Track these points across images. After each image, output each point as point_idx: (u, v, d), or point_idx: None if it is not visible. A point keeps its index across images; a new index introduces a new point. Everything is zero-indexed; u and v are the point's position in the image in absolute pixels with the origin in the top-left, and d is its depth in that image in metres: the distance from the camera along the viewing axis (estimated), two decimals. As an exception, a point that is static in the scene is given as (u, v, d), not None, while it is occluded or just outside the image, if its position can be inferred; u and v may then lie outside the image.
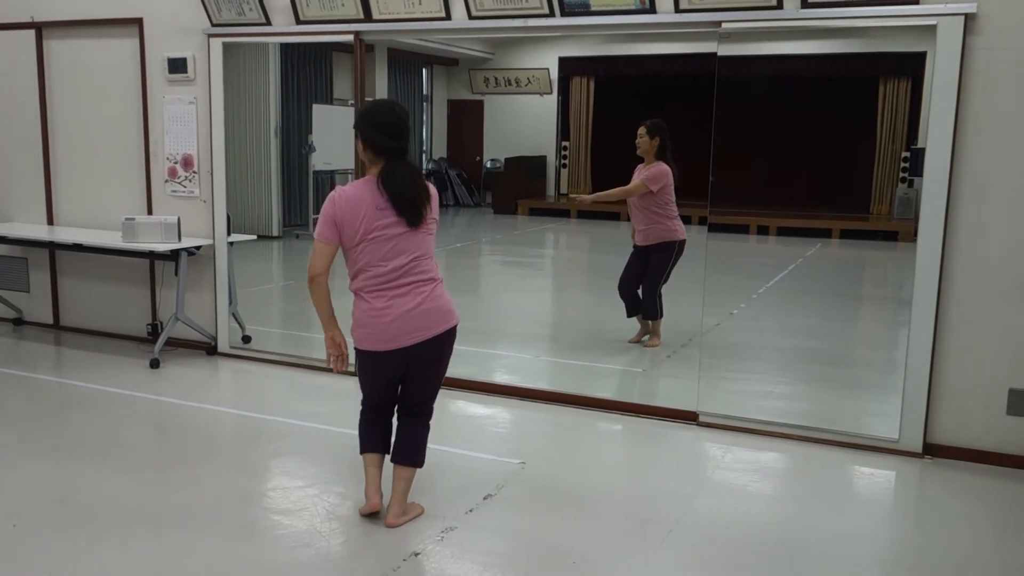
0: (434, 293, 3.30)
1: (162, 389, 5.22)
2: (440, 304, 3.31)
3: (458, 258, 11.34)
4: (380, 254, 3.22)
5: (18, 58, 6.31)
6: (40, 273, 6.55)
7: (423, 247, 3.29)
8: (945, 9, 3.97)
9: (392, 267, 3.22)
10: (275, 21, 5.43)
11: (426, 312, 3.26)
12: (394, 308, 3.23)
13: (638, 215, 6.03)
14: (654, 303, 6.07)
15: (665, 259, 5.99)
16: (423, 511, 3.55)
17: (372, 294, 3.26)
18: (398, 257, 3.23)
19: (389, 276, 3.23)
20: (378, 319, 3.25)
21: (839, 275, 10.49)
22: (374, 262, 3.23)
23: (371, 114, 3.29)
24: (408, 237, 3.24)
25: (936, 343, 4.19)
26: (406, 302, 3.24)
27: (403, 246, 3.23)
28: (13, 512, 3.52)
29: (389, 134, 3.22)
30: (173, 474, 3.96)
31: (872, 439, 4.35)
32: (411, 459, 3.47)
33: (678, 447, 4.45)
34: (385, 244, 3.21)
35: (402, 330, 3.25)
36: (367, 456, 3.52)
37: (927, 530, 3.67)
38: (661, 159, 5.96)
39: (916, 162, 12.76)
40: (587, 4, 4.62)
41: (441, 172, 16.88)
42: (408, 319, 3.24)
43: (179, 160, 5.89)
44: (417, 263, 3.27)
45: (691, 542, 3.39)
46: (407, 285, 3.25)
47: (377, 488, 3.49)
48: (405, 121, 3.28)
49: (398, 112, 3.28)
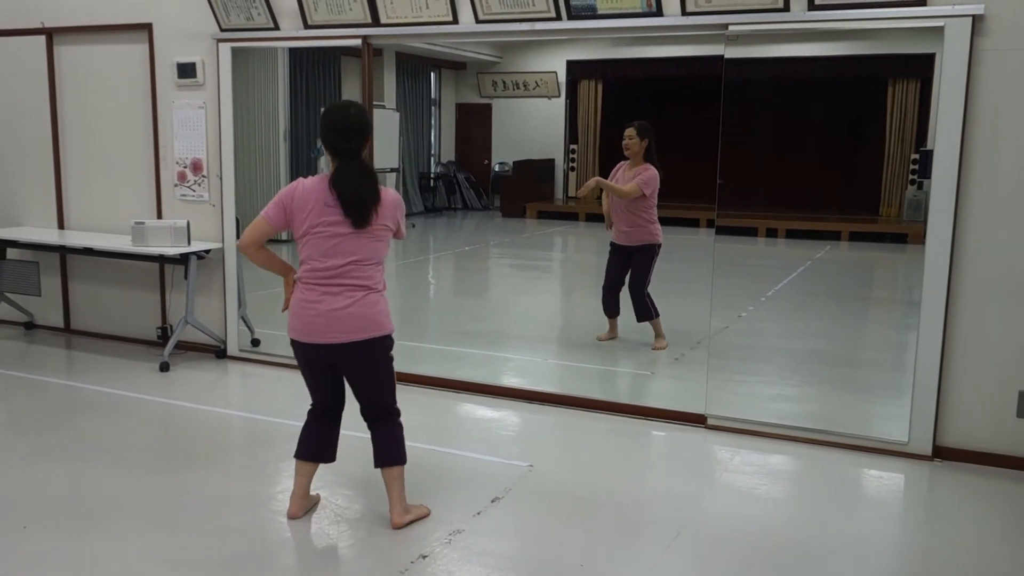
0: (366, 300, 3.26)
1: (172, 392, 5.25)
2: (369, 311, 3.26)
3: (467, 261, 11.36)
4: (321, 250, 3.23)
5: (29, 64, 6.36)
6: (51, 277, 6.59)
7: (367, 252, 3.25)
8: (952, 11, 3.96)
9: (329, 265, 3.23)
10: (283, 26, 5.45)
11: (352, 315, 3.24)
12: (322, 304, 3.24)
13: (622, 216, 6.06)
14: (646, 304, 6.11)
15: (648, 260, 6.05)
16: (429, 513, 3.55)
17: (307, 286, 3.28)
18: (337, 256, 3.23)
19: (325, 273, 3.24)
20: (306, 311, 3.27)
21: (848, 277, 10.46)
22: (314, 256, 3.25)
23: (327, 115, 3.30)
24: (352, 239, 3.22)
25: (945, 345, 4.18)
26: (335, 301, 3.24)
27: (345, 247, 3.22)
28: (24, 514, 3.54)
29: (341, 135, 3.22)
30: (182, 477, 3.97)
31: (881, 442, 4.34)
32: (392, 458, 3.45)
33: (686, 450, 4.45)
34: (327, 241, 3.22)
35: (324, 327, 3.25)
36: (297, 463, 3.51)
37: (936, 533, 3.65)
38: (648, 160, 6.00)
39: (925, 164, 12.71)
40: (594, 7, 4.62)
41: (449, 175, 16.91)
42: (333, 318, 3.23)
43: (188, 164, 5.92)
44: (356, 267, 3.24)
45: (699, 545, 3.38)
46: (341, 286, 3.24)
47: (299, 497, 3.50)
48: (359, 123, 3.26)
49: (352, 113, 3.28)
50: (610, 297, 6.27)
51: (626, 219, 6.04)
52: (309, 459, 3.50)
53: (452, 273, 10.76)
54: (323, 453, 3.52)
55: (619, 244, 6.14)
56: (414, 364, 5.63)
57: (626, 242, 6.09)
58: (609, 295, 6.27)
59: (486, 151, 17.15)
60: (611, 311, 6.30)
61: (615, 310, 6.27)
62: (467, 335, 6.79)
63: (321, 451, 3.51)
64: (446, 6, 4.94)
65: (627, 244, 6.08)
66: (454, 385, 5.28)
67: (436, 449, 4.32)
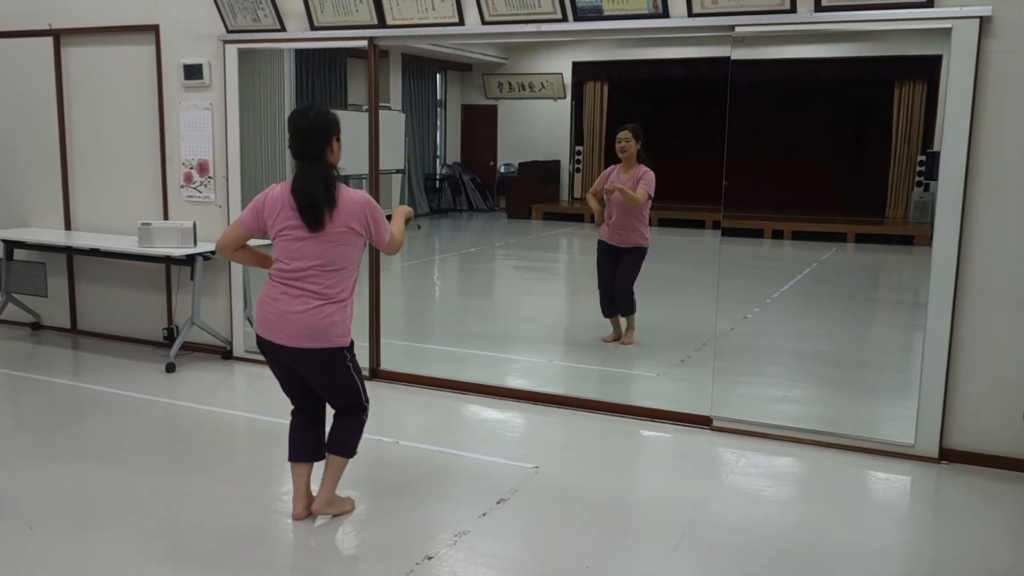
0: (321, 310, 3.26)
1: (178, 393, 5.26)
2: (320, 322, 3.26)
3: (472, 262, 11.36)
4: (286, 252, 3.29)
5: (36, 65, 6.38)
6: (58, 278, 6.61)
7: (327, 257, 3.25)
8: (960, 12, 3.95)
9: (294, 267, 3.27)
10: (290, 27, 5.46)
11: (302, 323, 3.25)
12: (280, 303, 3.28)
13: (621, 218, 6.12)
14: (632, 300, 6.23)
15: (638, 261, 6.18)
16: (352, 508, 3.59)
17: (272, 282, 3.34)
18: (300, 259, 3.26)
19: (289, 274, 3.28)
20: (266, 305, 3.33)
21: (854, 279, 10.44)
22: (282, 257, 3.31)
23: (289, 119, 3.32)
24: (312, 243, 3.24)
25: (952, 347, 4.17)
26: (292, 303, 3.27)
27: (306, 250, 3.25)
28: (31, 514, 3.55)
29: (299, 139, 3.26)
30: (188, 477, 3.98)
31: (887, 444, 4.33)
32: (337, 447, 3.49)
33: (692, 451, 4.44)
34: (292, 244, 3.27)
35: (277, 325, 3.29)
36: (292, 465, 3.55)
37: (943, 536, 3.64)
38: (640, 162, 6.08)
39: (932, 166, 12.69)
40: (600, 8, 4.62)
41: (455, 177, 16.92)
42: (286, 318, 3.27)
43: (195, 165, 5.94)
44: (317, 272, 3.26)
45: (705, 547, 3.38)
46: (300, 289, 3.27)
47: (300, 497, 3.53)
48: (316, 126, 3.26)
49: (309, 117, 3.29)
50: (609, 298, 6.31)
51: (624, 221, 6.11)
52: (301, 460, 3.53)
53: (457, 274, 10.77)
54: (313, 452, 3.55)
55: (610, 244, 6.21)
56: (419, 365, 5.64)
57: (619, 243, 6.16)
58: (607, 295, 6.31)
59: (492, 152, 17.16)
60: (611, 311, 6.34)
61: (615, 309, 6.32)
62: (472, 336, 6.79)
63: (312, 450, 3.55)
64: (452, 7, 4.95)
65: (619, 245, 6.16)
66: (459, 386, 5.28)
67: (441, 450, 4.32)
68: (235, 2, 5.48)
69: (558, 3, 4.68)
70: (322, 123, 3.28)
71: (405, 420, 4.94)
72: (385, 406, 5.19)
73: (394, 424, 4.85)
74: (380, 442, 4.43)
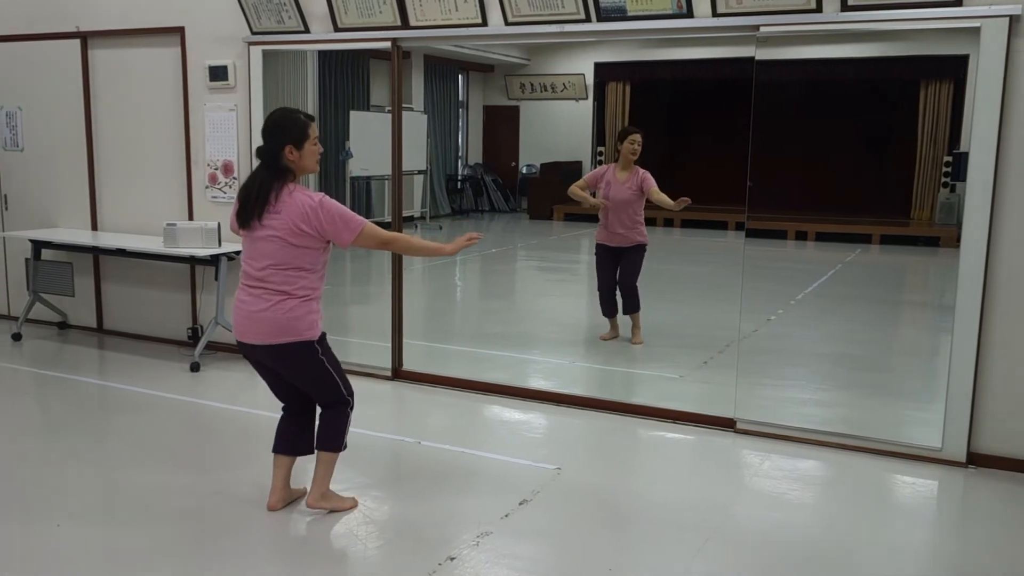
0: (283, 305, 3.32)
1: (202, 392, 5.29)
2: (282, 316, 3.31)
3: (494, 263, 11.36)
4: (246, 252, 3.39)
5: (64, 67, 6.45)
6: (84, 278, 6.68)
7: (279, 256, 3.31)
8: (989, 11, 3.90)
9: (253, 267, 3.36)
10: (314, 29, 5.49)
11: (266, 319, 3.32)
12: (247, 304, 3.37)
13: (621, 218, 6.18)
14: (637, 296, 6.28)
15: (640, 257, 6.25)
16: (353, 506, 3.62)
17: (241, 286, 3.43)
18: (257, 259, 3.35)
19: (251, 275, 3.37)
20: (237, 309, 3.42)
21: (879, 281, 10.34)
22: (244, 258, 3.41)
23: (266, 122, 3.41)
24: (263, 242, 3.31)
25: (980, 350, 4.12)
26: (256, 303, 3.35)
27: (260, 249, 3.33)
28: (57, 511, 3.59)
29: (261, 137, 3.37)
30: (213, 476, 4.01)
31: (914, 448, 4.28)
32: (323, 443, 3.54)
33: (715, 454, 4.41)
34: (246, 244, 3.38)
35: (247, 327, 3.38)
36: (273, 457, 3.62)
37: (970, 541, 3.59)
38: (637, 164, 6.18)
39: (959, 167, 12.55)
40: (624, 9, 4.61)
41: (476, 178, 16.93)
42: (252, 318, 3.35)
43: (219, 166, 5.98)
44: (274, 271, 3.32)
45: (728, 550, 3.36)
46: (261, 288, 3.35)
47: (276, 489, 3.60)
48: (273, 125, 3.34)
49: (273, 116, 3.39)
50: (608, 298, 6.40)
51: (622, 223, 6.19)
52: (283, 452, 3.60)
53: (479, 275, 10.77)
54: (298, 446, 3.60)
55: (610, 246, 6.28)
56: (441, 366, 5.65)
57: (620, 244, 6.24)
58: (607, 295, 6.40)
59: (513, 153, 17.16)
60: (610, 311, 6.43)
61: (614, 309, 6.42)
62: (494, 337, 6.79)
63: (296, 445, 3.60)
64: (475, 8, 4.95)
65: (620, 245, 6.23)
66: (481, 387, 5.29)
67: (464, 451, 4.32)
68: (260, 4, 5.51)
69: (581, 3, 4.67)
70: (277, 128, 3.35)
71: (427, 420, 4.95)
72: (407, 406, 5.20)
73: (416, 424, 4.87)
74: (402, 442, 4.44)
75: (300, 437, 3.60)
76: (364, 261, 9.34)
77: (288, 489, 3.64)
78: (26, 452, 4.30)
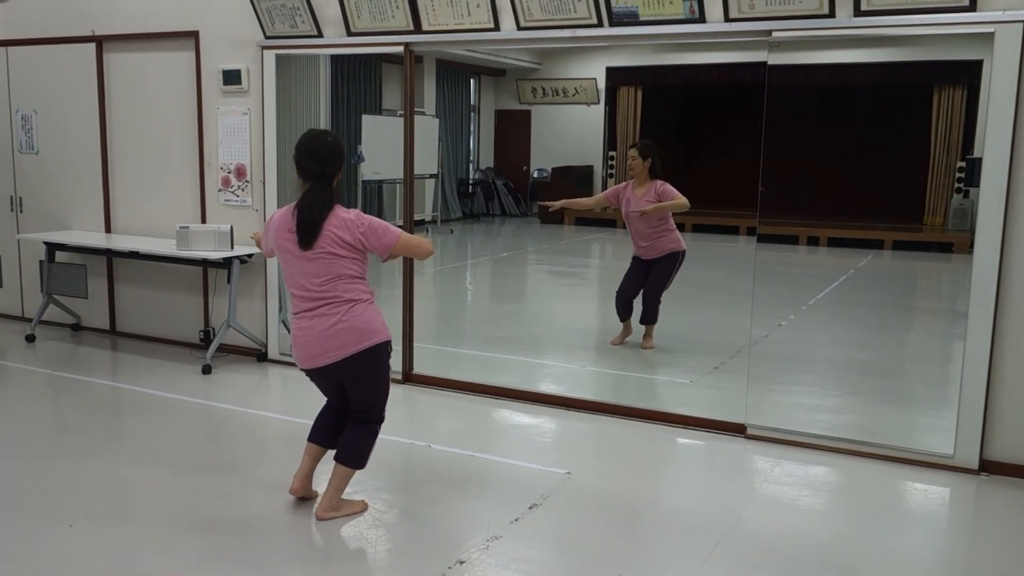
0: (350, 313, 3.34)
1: (214, 394, 5.32)
2: (355, 324, 3.34)
3: (504, 267, 11.37)
4: (297, 275, 3.37)
5: (79, 70, 6.50)
6: (98, 280, 6.72)
7: (333, 270, 3.34)
8: (1003, 16, 3.89)
9: (311, 286, 3.35)
10: (327, 33, 5.51)
11: (339, 332, 3.33)
12: (312, 330, 3.36)
13: (641, 232, 6.19)
14: (656, 308, 6.28)
15: (669, 267, 6.20)
16: (364, 508, 3.64)
17: (297, 317, 3.41)
18: (314, 277, 3.34)
19: (307, 297, 3.36)
20: (299, 339, 3.41)
21: (891, 286, 10.30)
22: (289, 283, 3.41)
23: (306, 141, 3.44)
24: (312, 262, 3.32)
25: (993, 356, 4.09)
26: (322, 323, 3.34)
27: (311, 269, 3.33)
28: (70, 511, 3.61)
29: (318, 160, 3.36)
30: (223, 478, 4.02)
31: (925, 454, 4.26)
32: (345, 458, 3.55)
33: (726, 459, 4.40)
34: (295, 266, 3.36)
35: (317, 350, 3.37)
36: (307, 444, 3.65)
37: (982, 549, 3.58)
38: (654, 178, 6.15)
39: (972, 172, 12.50)
40: (636, 14, 4.61)
41: (488, 182, 16.95)
42: (324, 337, 3.34)
43: (232, 170, 6.01)
44: (336, 282, 3.34)
45: (739, 556, 3.35)
46: (324, 305, 3.35)
47: (301, 475, 3.64)
48: (335, 150, 3.38)
49: (329, 141, 3.42)
50: (624, 304, 6.41)
51: (645, 234, 6.19)
52: (317, 443, 3.63)
53: (490, 279, 10.78)
54: (332, 441, 3.63)
55: (643, 258, 6.29)
56: (452, 369, 5.65)
57: (649, 255, 6.22)
58: (622, 301, 6.41)
59: (525, 157, 17.17)
60: (625, 315, 6.44)
61: (628, 313, 6.42)
62: (505, 341, 6.79)
63: (331, 439, 3.63)
64: (488, 13, 4.96)
65: (650, 257, 6.21)
66: (492, 391, 5.29)
67: (474, 455, 4.33)
68: (273, 9, 5.54)
69: (593, 8, 4.68)
70: (338, 149, 3.43)
71: (437, 424, 4.96)
72: (417, 410, 5.21)
73: (426, 428, 4.87)
74: (412, 446, 4.44)
75: (336, 432, 3.61)
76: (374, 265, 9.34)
77: (310, 480, 3.66)
78: (39, 452, 4.32)
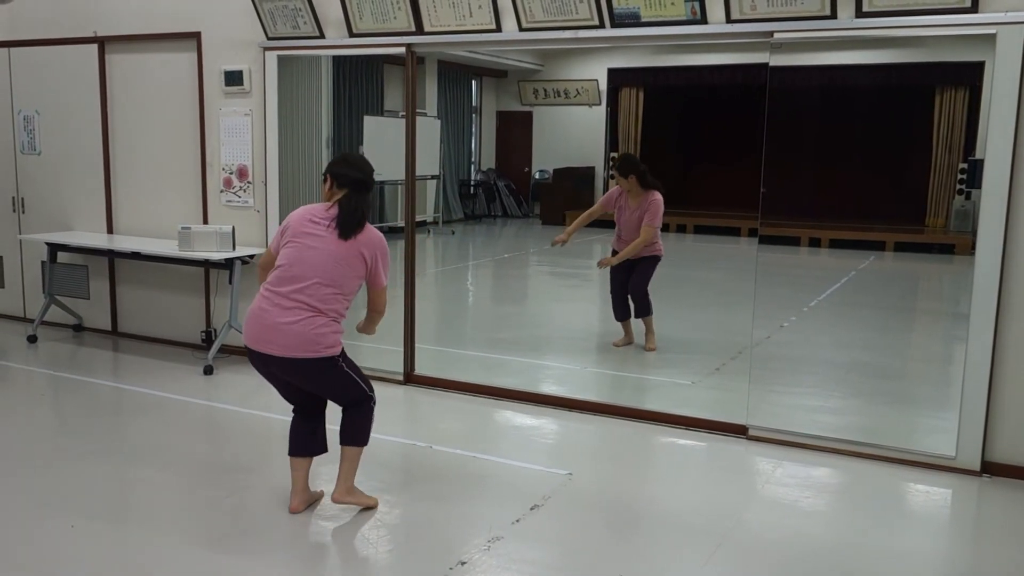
0: (313, 321, 3.36)
1: (215, 395, 5.32)
2: (311, 332, 3.35)
3: (506, 268, 11.37)
4: (292, 263, 3.39)
5: (81, 71, 6.50)
6: (100, 281, 6.73)
7: (330, 274, 3.37)
8: (1005, 17, 3.89)
9: (295, 278, 3.37)
10: (329, 34, 5.51)
11: (292, 332, 3.34)
12: (271, 315, 3.37)
13: (628, 240, 6.27)
14: (648, 301, 6.34)
15: (652, 267, 6.33)
16: (376, 504, 3.66)
17: (265, 295, 3.42)
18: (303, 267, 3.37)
19: (285, 286, 3.38)
20: (256, 317, 3.42)
21: (893, 288, 10.29)
22: (287, 268, 3.40)
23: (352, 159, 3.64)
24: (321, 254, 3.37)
25: (995, 358, 4.09)
26: (283, 314, 3.36)
27: (313, 260, 3.37)
28: (71, 512, 3.61)
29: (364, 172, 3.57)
30: (226, 479, 4.02)
31: (927, 456, 4.26)
32: (348, 438, 3.57)
33: (727, 461, 4.40)
34: (301, 251, 3.39)
35: (268, 336, 3.38)
36: (291, 460, 3.64)
37: (984, 550, 3.57)
38: (648, 188, 6.20)
39: (974, 173, 12.47)
40: (637, 15, 4.61)
41: (489, 183, 16.95)
42: (277, 329, 3.35)
43: (234, 171, 6.01)
44: (319, 287, 3.36)
45: (740, 557, 3.35)
46: (294, 301, 3.36)
47: (298, 491, 3.62)
48: (371, 169, 3.63)
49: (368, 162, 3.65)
50: (620, 302, 6.44)
51: (631, 240, 6.25)
52: (300, 455, 3.62)
53: (491, 280, 10.78)
54: (313, 447, 3.64)
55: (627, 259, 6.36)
56: (453, 370, 5.65)
57: (632, 257, 6.30)
58: (619, 300, 6.45)
59: (526, 159, 17.17)
60: (622, 315, 6.46)
61: (626, 313, 6.45)
62: (506, 342, 6.79)
63: (311, 446, 3.63)
64: (490, 14, 4.96)
65: (633, 258, 6.29)
66: (493, 392, 5.29)
67: (475, 456, 4.32)
68: (275, 10, 5.55)
69: (595, 9, 4.68)
70: (369, 172, 3.61)
71: (439, 425, 4.96)
72: (419, 411, 5.21)
73: (428, 429, 4.87)
74: (414, 447, 4.45)
75: (314, 438, 3.63)
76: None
77: (308, 491, 3.67)
78: (41, 453, 4.33)
